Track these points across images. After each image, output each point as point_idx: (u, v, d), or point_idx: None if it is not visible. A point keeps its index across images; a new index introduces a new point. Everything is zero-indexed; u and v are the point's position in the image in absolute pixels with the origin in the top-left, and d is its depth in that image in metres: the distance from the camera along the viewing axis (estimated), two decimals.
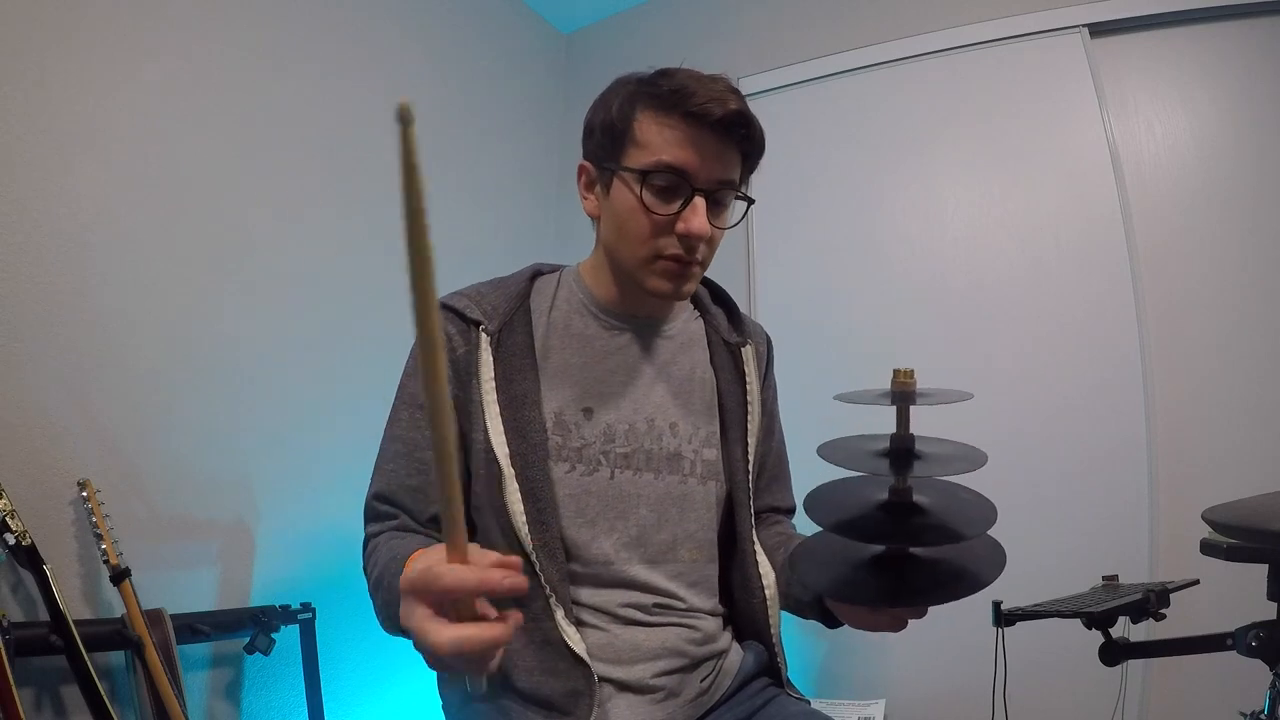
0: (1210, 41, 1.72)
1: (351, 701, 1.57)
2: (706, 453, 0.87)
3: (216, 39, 1.45)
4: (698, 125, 0.76)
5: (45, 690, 1.09)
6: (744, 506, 0.87)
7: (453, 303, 0.83)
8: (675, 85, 0.76)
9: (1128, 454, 1.63)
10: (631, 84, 0.81)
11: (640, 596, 0.80)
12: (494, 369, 0.80)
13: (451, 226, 1.94)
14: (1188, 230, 1.72)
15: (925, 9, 1.97)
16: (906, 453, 0.58)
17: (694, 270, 0.81)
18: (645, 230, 0.78)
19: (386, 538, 0.76)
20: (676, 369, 0.88)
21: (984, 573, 0.58)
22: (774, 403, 1.00)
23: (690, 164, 0.77)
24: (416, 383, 0.82)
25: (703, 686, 0.81)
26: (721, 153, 0.78)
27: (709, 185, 0.78)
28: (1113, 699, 1.43)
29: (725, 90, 0.77)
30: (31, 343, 1.14)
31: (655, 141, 0.77)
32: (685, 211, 0.77)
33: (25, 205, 1.15)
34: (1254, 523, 0.77)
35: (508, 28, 2.24)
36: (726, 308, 0.98)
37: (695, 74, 0.78)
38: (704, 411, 0.88)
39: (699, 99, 0.75)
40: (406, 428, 0.81)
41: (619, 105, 0.80)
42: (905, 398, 0.57)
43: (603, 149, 0.82)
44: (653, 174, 0.77)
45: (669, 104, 0.76)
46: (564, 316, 0.86)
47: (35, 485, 1.12)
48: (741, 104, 0.77)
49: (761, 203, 2.14)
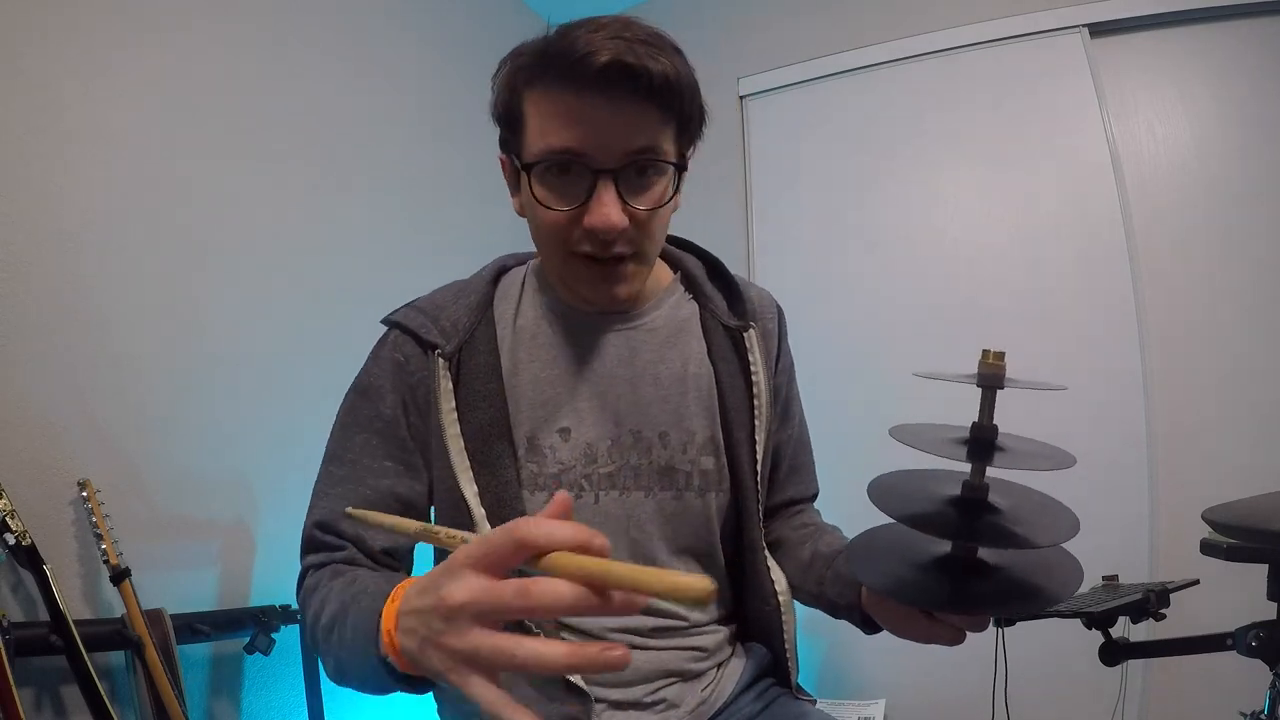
0: (1210, 41, 1.73)
1: (351, 701, 1.57)
2: (704, 461, 0.77)
3: (216, 39, 1.45)
4: (579, 90, 0.61)
5: (45, 690, 1.09)
6: (752, 514, 0.78)
7: (408, 322, 0.75)
8: (553, 48, 0.62)
9: (1128, 454, 1.63)
10: (515, 54, 0.67)
11: (638, 620, 0.73)
12: (454, 398, 0.72)
13: (451, 226, 1.94)
14: (1188, 230, 1.72)
15: (925, 9, 1.97)
16: (988, 444, 0.52)
17: (624, 268, 0.69)
18: (551, 230, 0.67)
19: (331, 573, 0.67)
20: (665, 368, 0.78)
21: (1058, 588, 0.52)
22: (791, 384, 0.88)
23: (580, 141, 0.63)
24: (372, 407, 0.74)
25: (704, 695, 0.78)
26: (623, 118, 0.63)
27: (615, 162, 0.64)
28: (1113, 699, 1.43)
29: (609, 38, 0.60)
30: (31, 343, 1.14)
31: (537, 123, 0.64)
32: (590, 202, 0.64)
33: (25, 205, 1.15)
34: (1254, 523, 0.77)
35: (507, 27, 2.24)
36: (726, 286, 0.84)
37: (581, 23, 0.63)
38: (701, 413, 0.78)
39: (573, 56, 0.60)
40: (359, 452, 0.73)
41: (505, 85, 0.67)
42: (993, 381, 0.50)
43: (506, 140, 0.71)
44: (537, 164, 0.65)
45: (547, 72, 0.62)
46: (531, 324, 0.77)
47: (35, 485, 1.12)
48: (628, 48, 0.60)
49: (762, 203, 2.15)
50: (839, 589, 0.74)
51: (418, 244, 1.84)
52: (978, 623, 0.57)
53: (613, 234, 0.65)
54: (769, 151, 2.14)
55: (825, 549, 0.79)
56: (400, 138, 1.86)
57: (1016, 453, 0.52)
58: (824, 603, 0.78)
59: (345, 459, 0.74)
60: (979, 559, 0.56)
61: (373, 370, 0.76)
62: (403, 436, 0.74)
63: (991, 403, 0.52)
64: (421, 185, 1.90)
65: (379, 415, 0.74)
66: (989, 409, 0.52)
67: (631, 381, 0.77)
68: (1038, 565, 0.55)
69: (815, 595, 0.79)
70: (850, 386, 1.88)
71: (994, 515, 0.53)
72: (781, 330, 0.88)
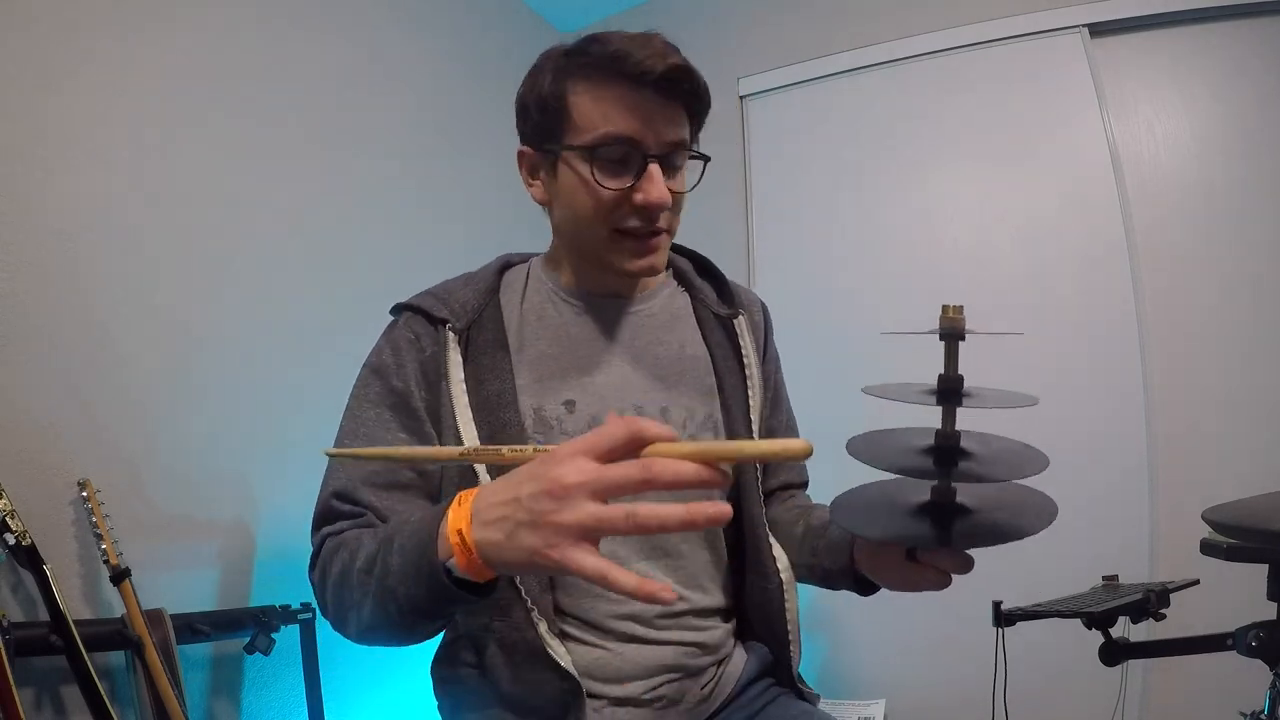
0: (1210, 41, 1.73)
1: (351, 701, 1.57)
2: (704, 438, 0.81)
3: (216, 38, 1.45)
4: (638, 87, 0.71)
5: (45, 690, 1.09)
6: (752, 489, 0.82)
7: (419, 303, 0.80)
8: (609, 50, 0.71)
9: (1128, 454, 1.63)
10: (559, 56, 0.76)
11: (640, 607, 0.75)
12: (464, 369, 0.76)
13: (452, 226, 1.94)
14: (1187, 229, 1.72)
15: (925, 9, 1.97)
16: (954, 393, 0.56)
17: (661, 240, 0.77)
18: (601, 208, 0.74)
19: (356, 532, 0.69)
20: (663, 349, 0.83)
21: (1033, 521, 0.56)
22: (778, 374, 0.96)
23: (637, 130, 0.72)
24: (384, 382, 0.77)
25: (704, 693, 0.78)
26: (668, 113, 0.73)
27: (661, 149, 0.73)
28: (1113, 699, 1.43)
29: (662, 46, 0.72)
30: (31, 343, 1.14)
31: (595, 113, 0.72)
32: (640, 182, 0.72)
33: (25, 205, 1.15)
34: (1254, 523, 0.77)
35: (507, 27, 2.24)
36: (715, 280, 0.92)
37: (625, 34, 0.73)
38: (700, 392, 0.83)
39: (635, 59, 0.70)
40: (373, 426, 0.76)
41: (551, 80, 0.75)
42: (954, 335, 0.55)
43: (541, 130, 0.77)
44: (600, 148, 0.72)
45: (605, 71, 0.71)
46: (536, 307, 0.83)
47: (35, 485, 1.12)
48: (681, 57, 0.73)
49: (762, 203, 2.15)
50: (832, 556, 0.79)
51: (418, 245, 1.84)
52: (962, 562, 0.60)
53: (662, 208, 0.73)
54: (769, 151, 2.14)
55: (816, 522, 0.84)
56: (400, 137, 1.86)
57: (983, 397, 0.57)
58: (818, 573, 0.83)
59: (359, 433, 0.76)
60: (958, 503, 0.59)
61: (384, 349, 0.80)
62: (415, 408, 0.76)
63: (955, 354, 0.56)
64: (422, 185, 1.90)
65: (391, 390, 0.77)
66: (954, 360, 0.56)
67: (633, 360, 0.82)
68: (1013, 504, 0.59)
69: (810, 567, 0.83)
70: (850, 386, 1.87)
71: (967, 459, 0.57)
72: (768, 324, 0.95)
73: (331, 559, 0.69)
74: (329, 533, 0.72)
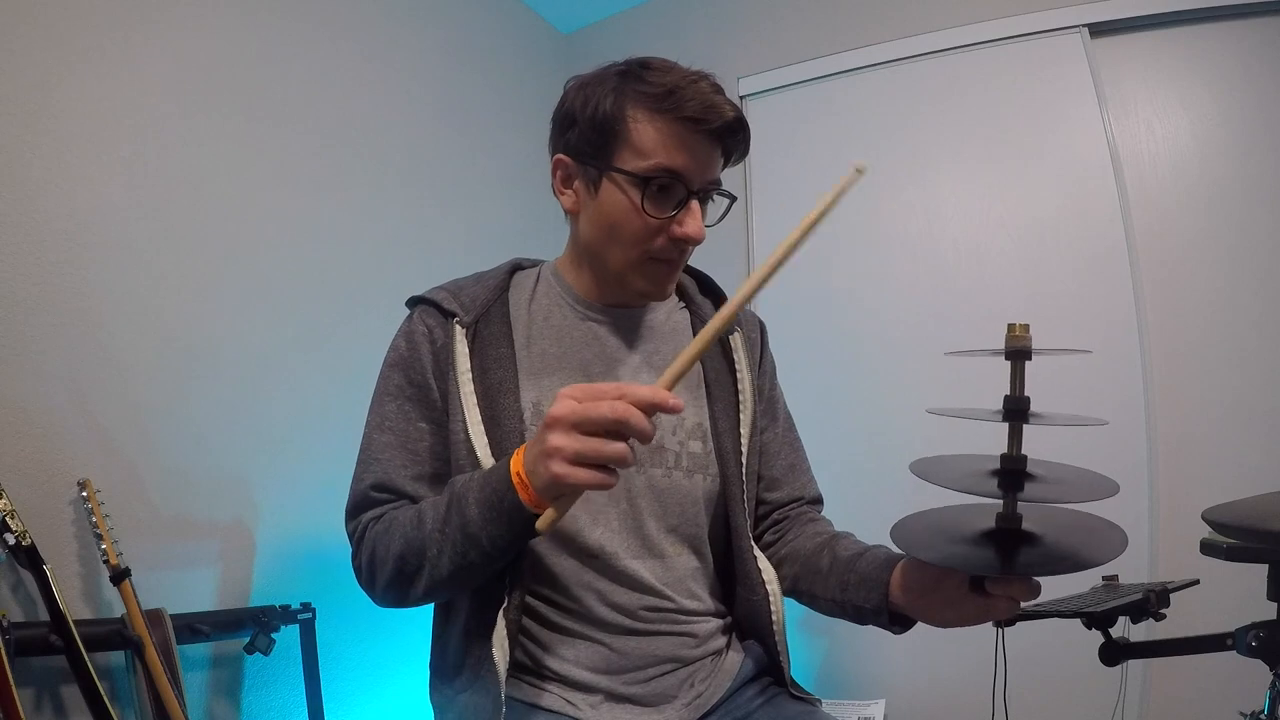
0: (1210, 41, 1.72)
1: (351, 701, 1.57)
2: (692, 445, 0.84)
3: (217, 38, 1.45)
4: (694, 129, 0.75)
5: (45, 690, 1.09)
6: (738, 501, 0.84)
7: (431, 296, 0.85)
8: (668, 85, 0.75)
9: (1128, 454, 1.63)
10: (616, 78, 0.79)
11: (627, 596, 0.78)
12: (470, 360, 0.80)
13: (451, 226, 1.95)
14: (1187, 229, 1.72)
15: (925, 9, 1.97)
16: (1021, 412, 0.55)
17: (678, 268, 0.83)
18: (640, 233, 0.78)
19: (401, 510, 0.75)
20: (660, 359, 0.87)
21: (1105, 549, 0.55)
22: (774, 388, 0.98)
23: (687, 167, 0.76)
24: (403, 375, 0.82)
25: (699, 690, 0.80)
26: (713, 155, 0.79)
27: (702, 186, 0.78)
28: (1113, 699, 1.43)
29: (719, 95, 0.77)
30: (31, 343, 1.14)
31: (654, 144, 0.76)
32: (681, 215, 0.77)
33: (25, 205, 1.15)
34: (1254, 523, 0.77)
35: (507, 28, 2.24)
36: (714, 298, 0.96)
37: (683, 72, 0.78)
38: (690, 401, 0.86)
39: (697, 105, 0.75)
40: (396, 419, 0.81)
41: (611, 102, 0.77)
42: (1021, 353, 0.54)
43: (590, 145, 0.79)
44: (654, 179, 0.76)
45: (666, 106, 0.75)
46: (544, 309, 0.86)
47: (35, 485, 1.12)
48: (738, 110, 0.78)
49: (762, 203, 2.15)
50: (864, 592, 0.75)
51: (418, 245, 1.84)
52: (1031, 588, 0.59)
53: (698, 241, 0.79)
54: (769, 151, 2.14)
55: (843, 554, 0.80)
56: (400, 138, 1.86)
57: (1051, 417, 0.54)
58: (848, 609, 0.78)
59: (385, 426, 0.81)
60: (1023, 530, 0.57)
61: (400, 345, 0.84)
62: (434, 399, 0.81)
63: (1021, 372, 0.54)
64: (422, 186, 1.90)
65: (410, 381, 0.82)
66: (1020, 379, 0.54)
67: (632, 365, 0.86)
68: (1079, 531, 0.57)
69: (838, 602, 0.79)
70: (850, 386, 1.88)
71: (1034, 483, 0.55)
72: (764, 341, 0.99)
73: (388, 533, 0.74)
74: (372, 517, 0.78)
